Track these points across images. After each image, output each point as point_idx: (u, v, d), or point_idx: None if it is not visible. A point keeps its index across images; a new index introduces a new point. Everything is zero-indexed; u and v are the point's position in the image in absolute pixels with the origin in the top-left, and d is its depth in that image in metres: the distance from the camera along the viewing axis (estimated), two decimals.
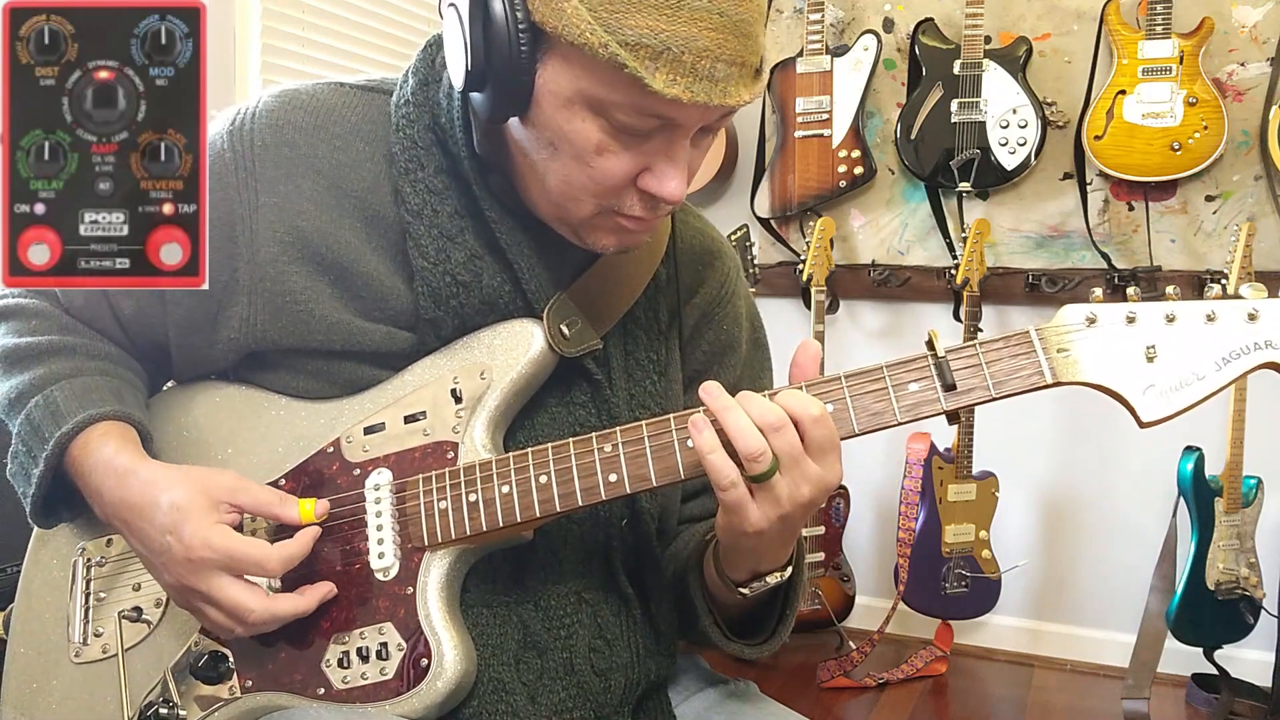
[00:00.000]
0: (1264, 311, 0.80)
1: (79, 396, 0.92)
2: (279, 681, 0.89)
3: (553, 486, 0.86)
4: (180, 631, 0.92)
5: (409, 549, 0.89)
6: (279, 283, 0.91)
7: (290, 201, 0.91)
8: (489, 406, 0.90)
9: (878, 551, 2.90)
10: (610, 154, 0.81)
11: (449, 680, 0.85)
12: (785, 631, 0.99)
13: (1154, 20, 2.46)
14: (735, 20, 0.77)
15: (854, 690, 2.53)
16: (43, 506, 0.93)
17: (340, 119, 0.93)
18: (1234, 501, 2.33)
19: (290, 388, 0.95)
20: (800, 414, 0.80)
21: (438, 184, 0.91)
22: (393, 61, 2.85)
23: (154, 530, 0.85)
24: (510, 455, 0.88)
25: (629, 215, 0.86)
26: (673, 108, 0.78)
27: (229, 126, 0.93)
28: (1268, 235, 2.50)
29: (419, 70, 0.93)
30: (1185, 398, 0.80)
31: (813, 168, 2.78)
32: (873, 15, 2.78)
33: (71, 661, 0.95)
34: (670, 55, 0.75)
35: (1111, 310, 0.82)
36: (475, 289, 0.91)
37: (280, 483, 0.94)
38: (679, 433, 0.84)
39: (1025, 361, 0.82)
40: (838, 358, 2.86)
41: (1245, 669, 2.46)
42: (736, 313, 1.07)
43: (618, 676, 0.94)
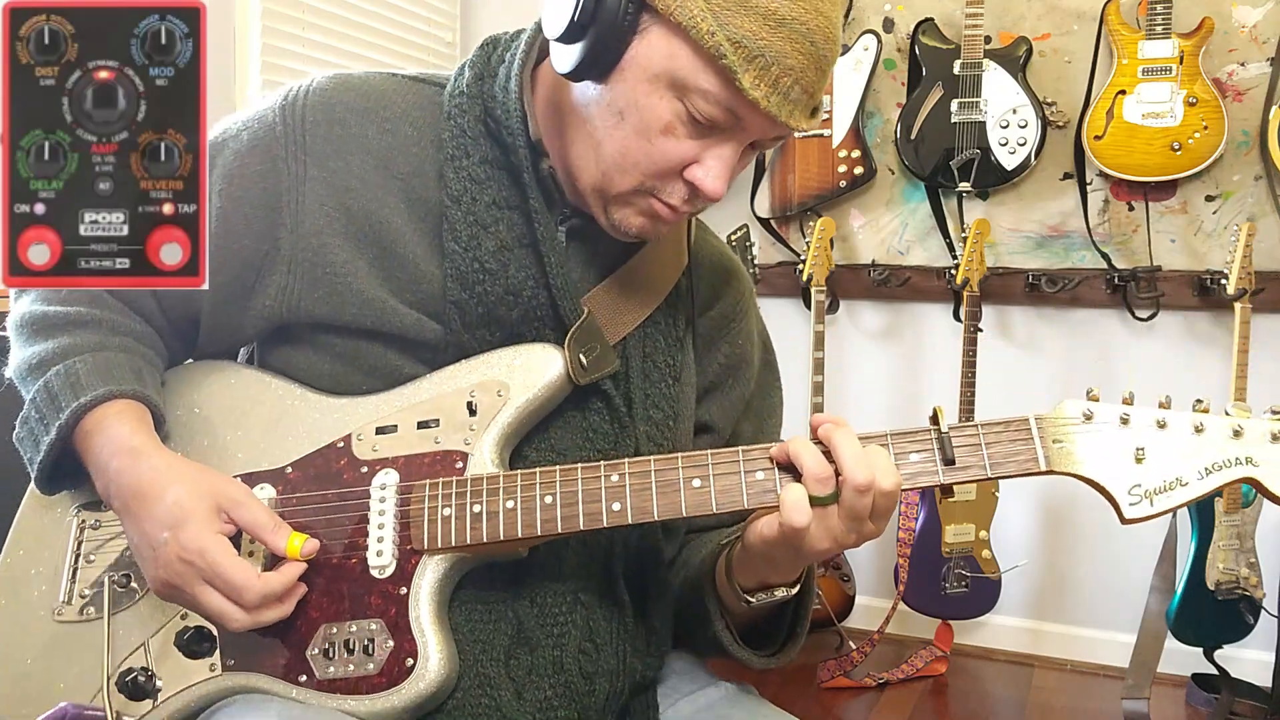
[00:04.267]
0: (1247, 430, 0.85)
1: (100, 371, 0.92)
2: (262, 664, 0.89)
3: (556, 508, 0.88)
4: (166, 603, 0.92)
5: (407, 550, 0.90)
6: (320, 254, 0.93)
7: (338, 177, 0.94)
8: (502, 423, 0.92)
9: (878, 551, 2.90)
10: (673, 137, 0.87)
11: (430, 683, 0.86)
12: (794, 649, 1.01)
13: (1154, 20, 2.46)
14: (820, 54, 0.84)
15: (854, 690, 2.53)
16: (49, 475, 0.93)
17: (391, 104, 0.97)
18: (1234, 501, 2.33)
19: (313, 370, 0.97)
20: (878, 484, 0.83)
21: (480, 173, 0.94)
22: (392, 61, 2.85)
23: (152, 523, 0.86)
24: (519, 473, 0.90)
25: (665, 201, 0.90)
26: (747, 109, 0.84)
27: (281, 101, 0.96)
28: (1268, 235, 2.51)
29: (475, 65, 0.97)
30: (1167, 501, 0.85)
31: (813, 168, 2.78)
32: (873, 15, 2.78)
33: (53, 619, 0.95)
34: (763, 62, 0.82)
35: (1107, 409, 0.87)
36: (501, 277, 0.93)
37: (287, 470, 0.95)
38: (685, 471, 0.87)
39: (1022, 447, 0.87)
40: (837, 358, 2.86)
41: (1245, 669, 2.46)
42: (750, 330, 1.11)
43: (603, 681, 0.94)
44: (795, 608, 1.00)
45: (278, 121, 0.95)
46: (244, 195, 0.95)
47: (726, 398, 1.09)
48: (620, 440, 0.97)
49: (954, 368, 2.52)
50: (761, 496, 0.87)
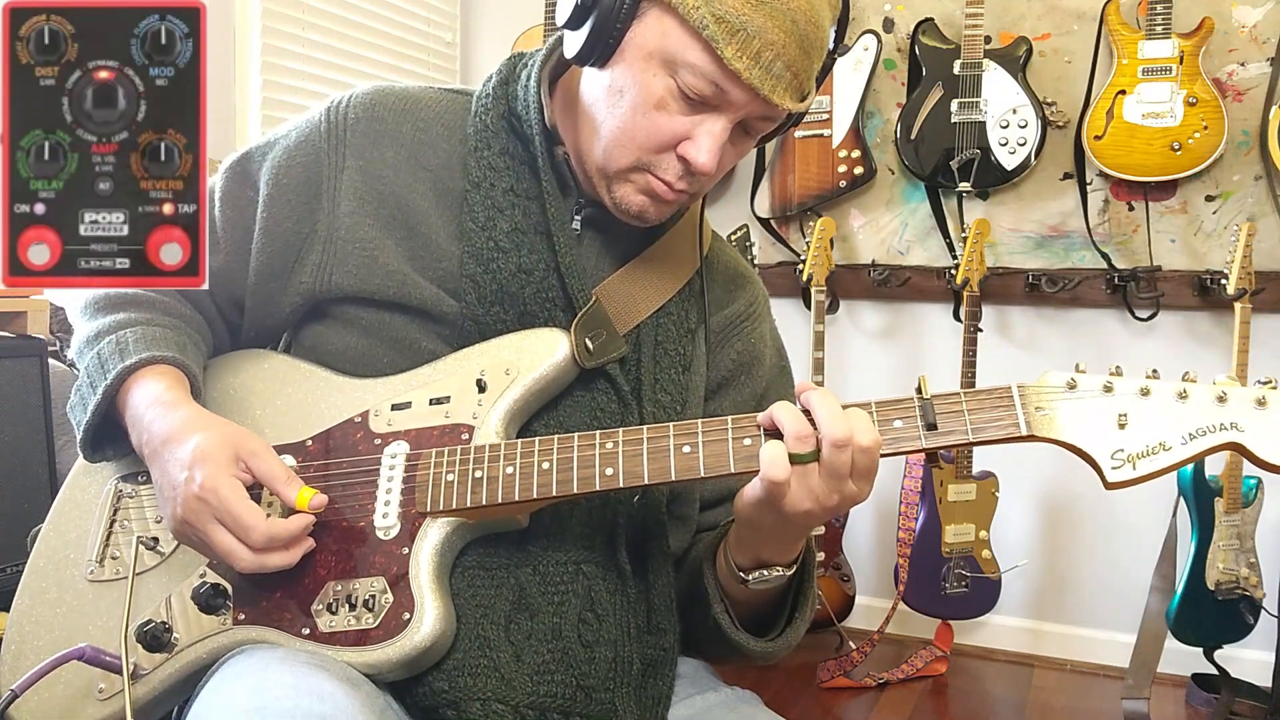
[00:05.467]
0: (1232, 396, 0.84)
1: (147, 341, 1.00)
2: (269, 617, 0.94)
3: (553, 473, 0.92)
4: (190, 564, 0.98)
5: (412, 514, 0.95)
6: (352, 231, 1.02)
7: (373, 166, 1.04)
8: (509, 399, 0.97)
9: (878, 551, 2.91)
10: (665, 112, 0.94)
11: (425, 636, 0.89)
12: (794, 635, 1.03)
13: (1154, 20, 2.46)
14: (802, 33, 0.91)
15: (854, 690, 2.53)
16: (93, 437, 1.00)
17: (426, 108, 1.07)
18: (1234, 502, 2.33)
19: (342, 343, 1.04)
20: (856, 440, 0.86)
21: (499, 163, 1.03)
22: (392, 62, 2.85)
23: (174, 463, 0.91)
24: (519, 441, 0.95)
25: (660, 177, 0.96)
26: (731, 82, 0.91)
27: (326, 105, 1.07)
28: (1268, 235, 2.51)
29: (501, 71, 1.07)
30: (1150, 465, 0.85)
31: (813, 168, 2.78)
32: (873, 15, 2.78)
33: (85, 579, 1.02)
34: (744, 36, 0.89)
35: (1091, 379, 0.87)
36: (514, 255, 1.01)
37: (307, 443, 1.01)
38: (676, 439, 0.91)
39: (1004, 413, 0.88)
40: (838, 358, 2.86)
41: (1245, 669, 2.46)
42: (763, 333, 1.15)
43: (604, 650, 0.96)
44: (795, 594, 1.02)
45: (322, 121, 1.06)
46: (289, 183, 1.05)
47: (739, 394, 1.13)
48: (625, 420, 1.00)
49: (954, 368, 2.52)
50: (748, 461, 0.89)
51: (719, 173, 0.98)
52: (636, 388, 1.03)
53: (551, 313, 1.01)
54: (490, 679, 0.91)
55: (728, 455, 0.89)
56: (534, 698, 0.92)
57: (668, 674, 1.02)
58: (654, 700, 0.99)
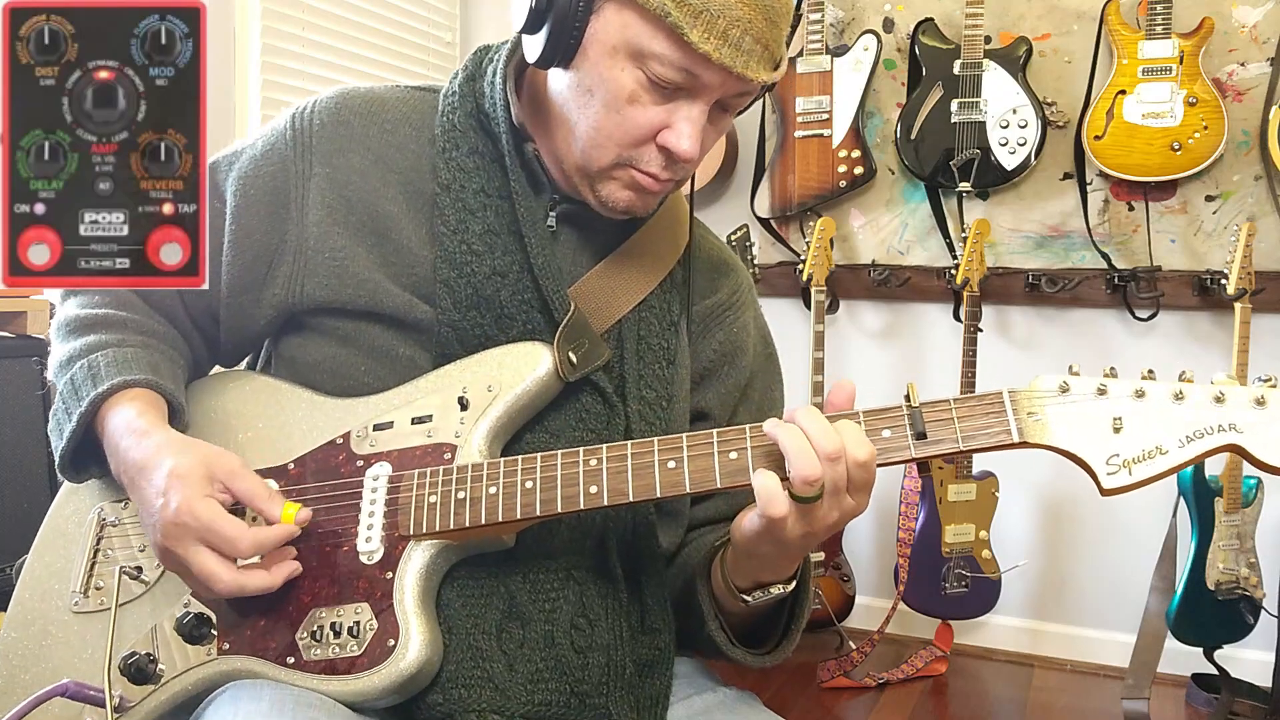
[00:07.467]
0: (1230, 396, 0.82)
1: (118, 364, 0.99)
2: (254, 647, 0.92)
3: (536, 492, 0.90)
4: (174, 594, 0.97)
5: (395, 537, 0.93)
6: (322, 241, 1.00)
7: (340, 173, 1.01)
8: (491, 417, 0.96)
9: (878, 551, 2.90)
10: (639, 105, 0.91)
11: (410, 663, 0.88)
12: (789, 646, 1.02)
13: (1154, 20, 2.46)
14: (766, 5, 0.88)
15: (854, 690, 2.53)
16: (71, 461, 1.00)
17: (392, 109, 1.04)
18: (1234, 501, 2.33)
19: (320, 355, 1.02)
20: (850, 454, 0.83)
21: (469, 163, 1.01)
22: (392, 62, 2.85)
23: (151, 490, 0.90)
24: (501, 460, 0.93)
25: (644, 170, 0.94)
26: (701, 65, 0.88)
27: (292, 112, 1.05)
28: (1268, 235, 2.51)
29: (468, 67, 1.05)
30: (1147, 470, 0.82)
31: (813, 168, 2.78)
32: (873, 15, 2.78)
33: (71, 610, 1.01)
34: (708, 16, 0.87)
35: (1084, 381, 0.85)
36: (487, 258, 0.99)
37: (289, 466, 0.99)
38: (660, 455, 0.89)
39: (995, 420, 0.85)
40: (837, 358, 2.86)
41: (1245, 669, 2.46)
42: (746, 322, 1.12)
43: (597, 656, 0.95)
44: (791, 605, 1.01)
45: (288, 128, 1.04)
46: (256, 194, 1.02)
47: (722, 384, 1.11)
48: (612, 420, 0.99)
49: (954, 368, 2.52)
50: (734, 476, 0.87)
51: (703, 154, 0.96)
52: (621, 386, 1.01)
53: (529, 315, 0.99)
54: (484, 690, 0.91)
55: (714, 470, 0.87)
56: (529, 707, 0.92)
57: (664, 674, 1.01)
58: (651, 701, 0.99)
